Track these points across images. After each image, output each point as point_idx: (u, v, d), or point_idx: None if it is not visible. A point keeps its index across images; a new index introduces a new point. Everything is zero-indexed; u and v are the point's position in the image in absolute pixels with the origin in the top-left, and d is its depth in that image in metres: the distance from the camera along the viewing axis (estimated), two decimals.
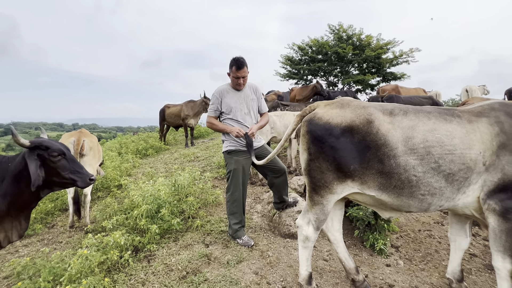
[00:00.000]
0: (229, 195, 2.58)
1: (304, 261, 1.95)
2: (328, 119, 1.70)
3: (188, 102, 7.37)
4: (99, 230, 2.98)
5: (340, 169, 1.66)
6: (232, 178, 2.54)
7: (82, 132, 3.49)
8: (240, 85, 2.52)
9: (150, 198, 2.91)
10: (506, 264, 1.50)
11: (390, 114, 1.67)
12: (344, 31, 14.86)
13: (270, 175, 2.70)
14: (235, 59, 2.45)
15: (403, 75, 14.84)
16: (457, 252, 1.96)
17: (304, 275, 1.96)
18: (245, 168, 2.57)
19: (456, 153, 1.54)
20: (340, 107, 1.76)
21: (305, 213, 1.93)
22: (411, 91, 7.55)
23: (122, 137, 9.75)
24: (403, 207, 1.67)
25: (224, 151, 2.61)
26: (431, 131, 1.58)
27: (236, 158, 2.53)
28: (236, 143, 2.53)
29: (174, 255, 2.42)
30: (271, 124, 4.18)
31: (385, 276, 2.17)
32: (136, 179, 4.77)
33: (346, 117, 1.68)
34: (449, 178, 1.54)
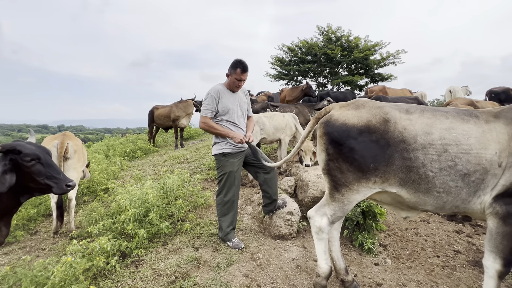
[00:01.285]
0: (222, 197, 2.55)
1: (322, 253, 1.94)
2: (344, 120, 1.73)
3: (178, 103, 7.28)
4: (84, 235, 2.90)
5: (361, 169, 1.68)
6: (226, 180, 2.52)
7: (66, 135, 3.38)
8: (238, 87, 2.53)
9: (138, 202, 2.85)
10: (496, 265, 1.52)
11: (407, 112, 1.71)
12: (333, 33, 15.07)
13: (261, 172, 2.70)
14: (241, 62, 2.43)
15: (390, 76, 15.18)
16: None
17: (324, 268, 1.94)
18: (238, 170, 2.58)
19: (472, 153, 1.53)
20: (355, 108, 1.79)
21: (321, 207, 1.94)
22: (398, 92, 7.72)
23: (110, 139, 9.54)
24: (419, 205, 1.69)
25: (218, 153, 2.54)
26: (448, 130, 1.59)
27: (232, 160, 2.52)
28: (232, 146, 2.52)
29: (162, 260, 2.38)
30: (260, 125, 4.17)
31: (373, 275, 2.20)
32: (124, 182, 4.67)
33: (362, 117, 1.71)
34: (465, 179, 1.54)
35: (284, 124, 4.31)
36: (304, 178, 3.37)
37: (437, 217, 3.28)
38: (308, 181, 3.26)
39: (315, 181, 3.20)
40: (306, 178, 3.33)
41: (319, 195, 3.03)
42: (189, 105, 7.18)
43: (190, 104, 7.22)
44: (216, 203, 2.60)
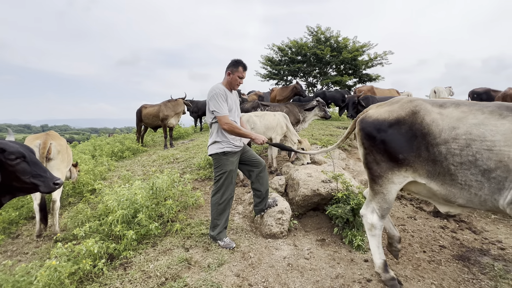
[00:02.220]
0: (219, 196, 2.54)
1: (376, 249, 2.03)
2: (377, 116, 1.91)
3: (167, 102, 7.17)
4: (70, 238, 2.81)
5: (392, 158, 1.82)
6: (225, 179, 2.52)
7: (49, 135, 3.26)
8: (238, 86, 2.57)
9: (126, 203, 2.78)
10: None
11: (440, 106, 1.77)
12: (322, 33, 15.25)
13: (255, 170, 2.71)
14: (241, 60, 2.50)
15: (378, 76, 15.51)
16: None
17: (379, 263, 2.02)
18: (236, 169, 2.60)
19: (495, 149, 1.52)
20: (390, 104, 1.95)
21: (368, 203, 2.09)
22: (385, 92, 7.90)
23: (97, 139, 9.28)
24: (450, 198, 1.73)
25: (218, 152, 2.51)
26: (477, 125, 1.59)
27: (232, 159, 2.52)
28: (233, 145, 2.52)
29: (152, 261, 2.33)
30: (251, 124, 4.17)
31: (363, 271, 2.24)
32: (111, 183, 4.55)
33: (393, 112, 1.86)
34: (486, 174, 1.54)
35: (275, 123, 4.32)
36: (295, 177, 3.39)
37: (423, 213, 3.37)
38: (298, 179, 3.28)
39: (306, 179, 3.23)
40: (297, 177, 3.35)
41: (310, 193, 3.06)
42: (178, 104, 7.08)
43: (180, 104, 7.12)
44: (212, 202, 2.57)
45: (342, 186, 2.97)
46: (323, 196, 3.04)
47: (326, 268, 2.27)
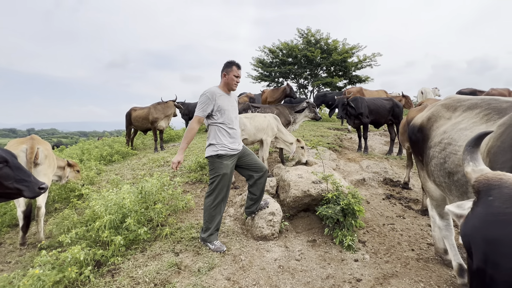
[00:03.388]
0: (212, 199, 2.51)
1: (449, 250, 2.15)
2: (414, 121, 2.20)
3: (157, 104, 7.08)
4: (55, 245, 2.73)
5: (419, 160, 2.09)
6: (220, 182, 2.49)
7: (34, 139, 3.17)
8: (236, 84, 2.56)
9: (114, 208, 2.72)
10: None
11: (454, 110, 1.84)
12: (312, 35, 15.42)
13: (255, 175, 2.71)
14: (233, 61, 2.55)
15: (367, 78, 15.79)
16: None
17: (454, 265, 2.08)
18: (231, 172, 2.58)
19: (458, 154, 1.50)
20: (423, 109, 2.27)
21: (429, 205, 2.32)
22: (374, 93, 8.04)
23: (85, 143, 9.08)
24: (447, 197, 1.86)
25: (213, 155, 2.50)
26: (461, 129, 1.59)
27: (226, 163, 2.50)
28: (227, 148, 2.50)
29: (141, 267, 2.29)
30: (241, 126, 4.15)
31: (353, 271, 2.26)
32: (99, 187, 4.46)
33: (419, 117, 2.12)
34: (451, 177, 1.56)
35: (265, 124, 4.31)
36: (286, 178, 3.40)
37: (412, 212, 3.43)
38: (289, 181, 3.28)
39: (296, 181, 3.24)
40: (288, 178, 3.35)
41: (300, 194, 3.07)
42: (168, 106, 7.00)
43: (170, 106, 7.04)
44: (205, 204, 2.55)
45: (332, 187, 2.99)
46: (314, 197, 3.06)
47: (317, 269, 2.28)
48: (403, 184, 4.21)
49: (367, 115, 5.52)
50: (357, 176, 4.36)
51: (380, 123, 5.94)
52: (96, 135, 31.31)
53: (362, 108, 5.42)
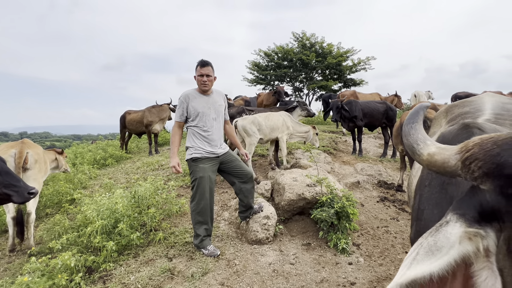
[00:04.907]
0: (195, 204, 2.48)
1: None
2: None
3: (152, 107, 7.05)
4: (45, 252, 2.67)
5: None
6: (198, 186, 2.44)
7: (24, 143, 3.12)
8: (205, 84, 2.45)
9: (106, 212, 2.68)
10: None
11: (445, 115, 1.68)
12: (307, 39, 15.56)
13: (237, 182, 2.66)
14: (200, 59, 2.49)
15: (362, 81, 15.95)
16: None
17: None
18: (211, 176, 2.49)
19: None
20: None
21: None
22: (368, 96, 8.11)
23: (78, 146, 8.98)
24: None
25: (188, 159, 2.50)
26: None
27: (202, 166, 2.45)
28: (203, 151, 2.46)
29: (133, 273, 2.26)
30: (256, 125, 4.26)
31: (347, 274, 2.25)
32: (92, 192, 4.40)
33: None
34: None
35: (280, 123, 4.44)
36: (280, 182, 3.40)
37: (405, 214, 3.46)
38: (284, 184, 3.28)
39: (291, 184, 3.24)
40: (282, 182, 3.35)
41: (295, 198, 3.07)
42: (163, 110, 6.97)
43: (165, 109, 7.01)
44: (190, 210, 2.52)
45: (326, 190, 3.00)
46: (308, 200, 3.06)
47: (311, 273, 2.27)
48: (397, 187, 4.24)
49: (361, 118, 5.56)
50: (352, 179, 4.38)
51: (374, 126, 6.00)
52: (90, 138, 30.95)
53: (356, 111, 5.47)
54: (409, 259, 0.52)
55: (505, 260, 0.46)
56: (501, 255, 0.47)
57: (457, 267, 0.48)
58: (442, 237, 0.50)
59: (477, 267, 0.48)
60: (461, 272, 0.49)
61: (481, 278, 0.46)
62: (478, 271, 0.47)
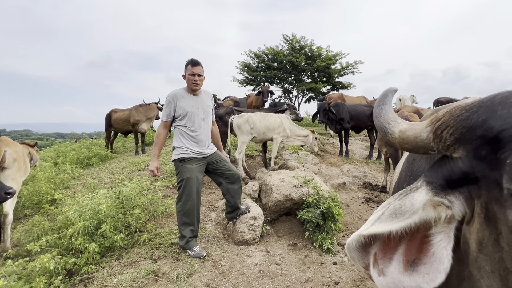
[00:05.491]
0: (181, 205, 2.45)
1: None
2: None
3: (139, 106, 6.92)
4: (23, 254, 2.56)
5: None
6: (184, 187, 2.42)
7: (2, 141, 2.98)
8: (196, 83, 2.43)
9: (89, 213, 2.61)
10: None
11: None
12: (297, 42, 15.71)
13: (224, 182, 2.66)
14: (189, 60, 2.46)
15: (350, 84, 16.25)
16: None
17: None
18: (198, 176, 2.47)
19: None
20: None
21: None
22: (354, 100, 8.30)
23: (61, 145, 8.68)
24: None
25: (175, 159, 2.46)
26: None
27: (189, 166, 2.43)
28: (190, 151, 2.44)
29: (116, 275, 2.21)
30: (251, 124, 4.31)
31: (331, 274, 2.29)
32: (74, 192, 4.26)
33: None
34: None
35: (277, 124, 4.50)
36: (268, 183, 3.42)
37: None
38: (271, 185, 3.30)
39: (278, 185, 3.26)
40: (270, 182, 3.37)
41: (282, 198, 3.09)
42: (150, 109, 6.86)
43: (152, 108, 6.91)
44: (176, 211, 2.49)
45: (313, 191, 3.04)
46: (295, 201, 3.09)
47: (297, 273, 2.30)
48: (381, 188, 4.35)
49: (348, 121, 5.68)
50: (338, 180, 4.46)
51: (361, 128, 6.14)
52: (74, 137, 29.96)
53: (343, 114, 5.58)
54: (375, 217, 0.54)
55: (483, 228, 0.45)
56: (478, 223, 0.46)
57: (415, 228, 0.50)
58: (408, 202, 0.51)
59: (435, 230, 0.50)
60: (419, 233, 0.51)
61: (436, 240, 0.49)
62: (435, 234, 0.50)
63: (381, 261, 0.53)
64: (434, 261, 0.48)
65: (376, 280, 0.52)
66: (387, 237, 0.51)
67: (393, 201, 0.54)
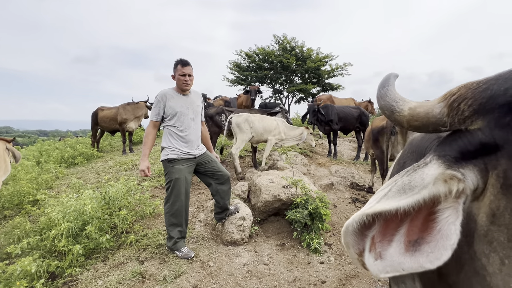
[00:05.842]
0: (169, 206, 2.43)
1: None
2: None
3: (127, 105, 6.79)
4: (2, 257, 2.47)
5: None
6: (173, 188, 2.40)
7: None
8: (186, 83, 2.41)
9: (73, 214, 2.55)
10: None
11: None
12: (288, 42, 15.82)
13: (214, 183, 2.65)
14: (179, 58, 2.43)
15: (339, 86, 16.51)
16: None
17: None
18: (187, 177, 2.46)
19: None
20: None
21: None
22: (343, 101, 8.45)
23: (44, 143, 8.39)
24: None
25: (164, 159, 2.44)
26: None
27: (178, 167, 2.41)
28: (179, 151, 2.42)
29: (101, 277, 2.17)
30: (250, 123, 4.43)
31: (318, 273, 2.34)
32: (58, 192, 4.14)
33: None
34: None
35: (273, 127, 4.65)
36: (257, 183, 3.44)
37: None
38: (261, 186, 3.32)
39: (268, 185, 3.29)
40: (259, 183, 3.39)
41: (271, 199, 3.12)
42: (138, 107, 6.74)
43: (141, 107, 6.79)
44: (164, 211, 2.47)
45: (301, 191, 3.08)
46: (284, 202, 3.12)
47: (284, 273, 2.33)
48: (367, 189, 4.46)
49: (337, 122, 5.78)
50: (326, 181, 4.54)
51: (349, 129, 6.26)
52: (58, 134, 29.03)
53: (332, 115, 5.67)
54: (381, 194, 0.52)
55: (499, 198, 0.44)
56: (492, 194, 0.45)
57: (424, 204, 0.49)
58: (417, 177, 0.50)
59: (443, 206, 0.49)
60: (426, 208, 0.50)
61: (443, 216, 0.48)
62: (443, 210, 0.49)
63: (379, 244, 0.51)
64: (440, 238, 0.47)
65: (370, 266, 0.51)
66: (390, 217, 0.49)
67: (400, 178, 0.52)
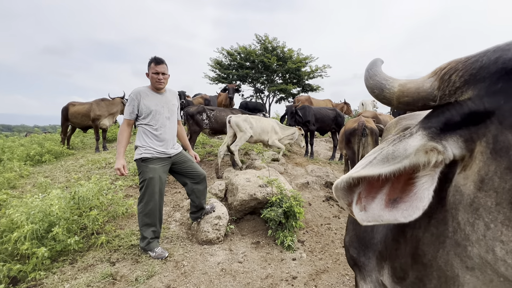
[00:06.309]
0: (142, 205, 2.40)
1: None
2: None
3: (101, 100, 6.50)
4: None
5: None
6: (146, 187, 2.36)
7: None
8: (160, 82, 2.37)
9: (38, 215, 2.42)
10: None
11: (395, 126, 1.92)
12: (270, 42, 15.95)
13: (189, 182, 2.65)
14: (154, 56, 2.39)
15: (318, 87, 16.94)
16: None
17: None
18: (161, 176, 2.43)
19: None
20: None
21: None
22: (321, 102, 8.70)
23: (7, 139, 7.80)
24: None
25: (137, 159, 2.39)
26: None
27: (152, 166, 2.37)
28: (153, 150, 2.38)
29: (68, 281, 2.09)
30: (249, 123, 4.55)
31: (290, 269, 2.42)
32: (22, 192, 3.90)
33: None
34: None
35: (269, 128, 4.80)
36: (234, 182, 3.47)
37: (346, 212, 3.83)
38: (237, 185, 3.36)
39: (244, 184, 3.33)
40: (236, 182, 3.43)
41: (247, 198, 3.17)
42: (113, 104, 6.49)
43: (116, 103, 6.54)
44: (137, 211, 2.43)
45: (276, 190, 3.16)
46: (260, 200, 3.19)
47: (258, 270, 2.39)
48: None
49: (314, 123, 5.96)
50: (302, 180, 4.67)
51: (325, 130, 6.47)
52: (24, 130, 27.01)
53: (309, 116, 5.84)
54: (366, 161, 0.56)
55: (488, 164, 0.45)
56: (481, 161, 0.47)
57: (404, 171, 0.53)
58: (401, 148, 0.53)
59: (421, 173, 0.53)
60: (406, 174, 0.55)
61: (420, 182, 0.53)
62: (421, 177, 0.54)
63: (364, 199, 0.57)
64: (414, 200, 0.52)
65: (356, 215, 0.57)
66: (374, 180, 0.55)
67: (386, 146, 0.55)
